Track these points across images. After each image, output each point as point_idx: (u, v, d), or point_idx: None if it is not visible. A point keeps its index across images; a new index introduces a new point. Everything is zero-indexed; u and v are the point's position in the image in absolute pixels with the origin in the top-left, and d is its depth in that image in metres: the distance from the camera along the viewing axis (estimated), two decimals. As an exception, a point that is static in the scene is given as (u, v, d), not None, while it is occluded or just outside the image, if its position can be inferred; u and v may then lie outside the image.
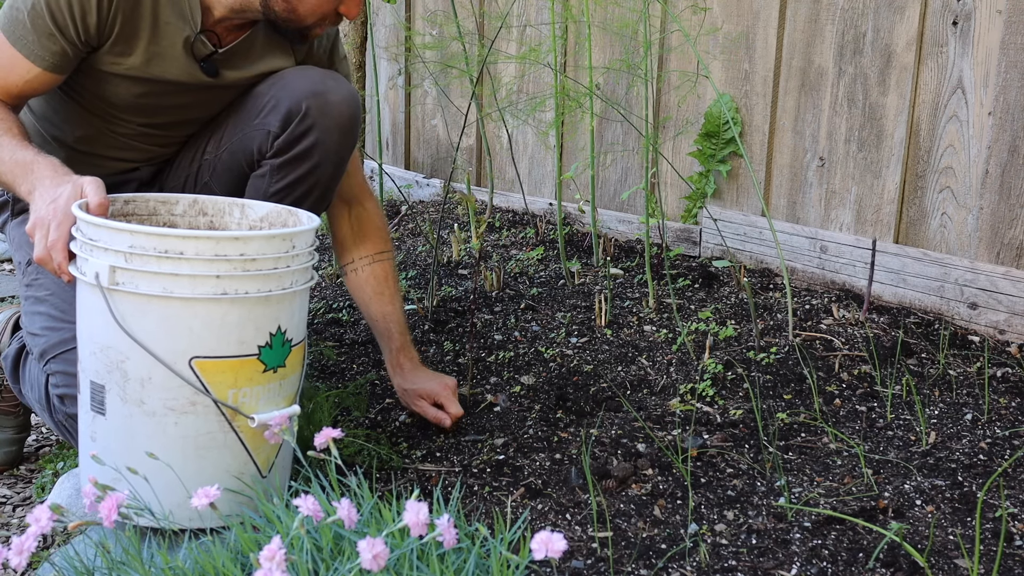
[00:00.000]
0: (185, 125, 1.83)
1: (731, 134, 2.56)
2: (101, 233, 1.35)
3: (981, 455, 1.69)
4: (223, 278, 1.35)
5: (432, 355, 2.20)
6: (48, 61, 1.60)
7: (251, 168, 1.79)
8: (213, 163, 1.83)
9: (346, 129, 1.74)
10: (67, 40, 1.59)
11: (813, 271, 2.46)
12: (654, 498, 1.57)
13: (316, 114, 1.70)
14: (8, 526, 1.80)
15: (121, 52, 1.65)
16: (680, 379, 2.00)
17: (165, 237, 1.33)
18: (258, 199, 1.73)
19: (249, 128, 1.77)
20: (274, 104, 1.73)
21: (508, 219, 3.09)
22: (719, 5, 2.58)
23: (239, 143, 1.78)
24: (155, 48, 1.67)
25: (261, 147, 1.76)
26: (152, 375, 1.36)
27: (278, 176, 1.75)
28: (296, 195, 1.76)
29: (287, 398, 1.47)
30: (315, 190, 1.77)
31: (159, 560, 1.19)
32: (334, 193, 1.84)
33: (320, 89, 1.72)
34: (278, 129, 1.72)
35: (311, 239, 1.47)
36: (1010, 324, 2.12)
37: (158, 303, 1.34)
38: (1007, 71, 2.11)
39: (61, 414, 1.61)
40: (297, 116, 1.70)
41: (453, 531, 1.10)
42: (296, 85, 1.73)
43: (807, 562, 1.38)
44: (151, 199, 1.62)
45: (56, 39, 1.59)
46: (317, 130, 1.71)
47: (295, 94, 1.71)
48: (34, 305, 1.68)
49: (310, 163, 1.74)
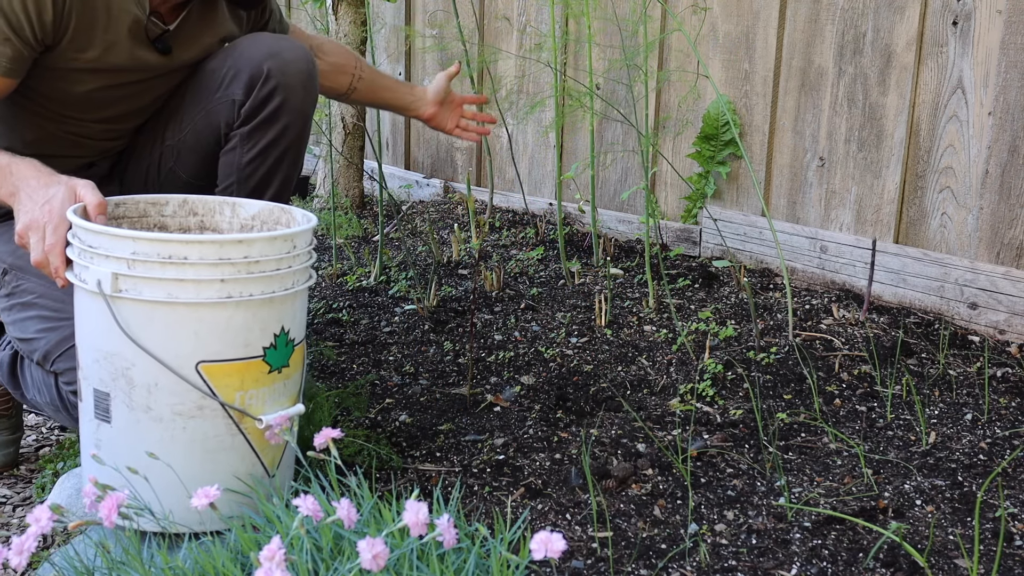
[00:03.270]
0: (136, 114, 1.81)
1: (730, 135, 2.56)
2: (102, 240, 1.34)
3: (981, 455, 1.69)
4: (227, 281, 1.35)
5: (432, 355, 2.21)
6: (4, 67, 1.56)
7: (219, 145, 1.79)
8: (176, 147, 1.82)
9: (308, 85, 1.76)
10: (23, 42, 1.56)
11: (813, 271, 2.46)
12: (654, 498, 1.57)
13: (278, 74, 1.71)
14: (8, 526, 1.80)
15: (79, 47, 1.62)
16: (680, 379, 2.00)
17: (168, 242, 1.33)
18: (232, 175, 1.73)
19: (211, 103, 1.76)
20: (234, 73, 1.73)
21: (508, 219, 3.09)
22: (719, 5, 2.58)
23: (203, 120, 1.78)
24: (110, 36, 1.65)
25: (228, 119, 1.75)
26: (159, 381, 1.36)
27: (249, 144, 1.75)
28: (270, 160, 1.76)
29: (291, 398, 1.47)
30: (288, 152, 1.78)
31: (159, 560, 1.19)
32: (303, 156, 1.86)
33: (275, 50, 1.73)
34: (243, 96, 1.73)
35: (310, 238, 1.47)
36: (1010, 324, 2.12)
37: (163, 309, 1.34)
38: (1007, 71, 2.11)
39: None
40: (260, 79, 1.71)
41: (453, 531, 1.10)
42: (251, 51, 1.73)
43: (807, 562, 1.38)
44: (141, 201, 1.62)
45: (11, 43, 1.55)
46: (282, 90, 1.72)
47: (253, 59, 1.72)
48: (21, 312, 1.65)
49: (280, 125, 1.74)
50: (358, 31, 3.10)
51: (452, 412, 1.93)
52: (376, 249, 2.86)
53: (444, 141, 3.48)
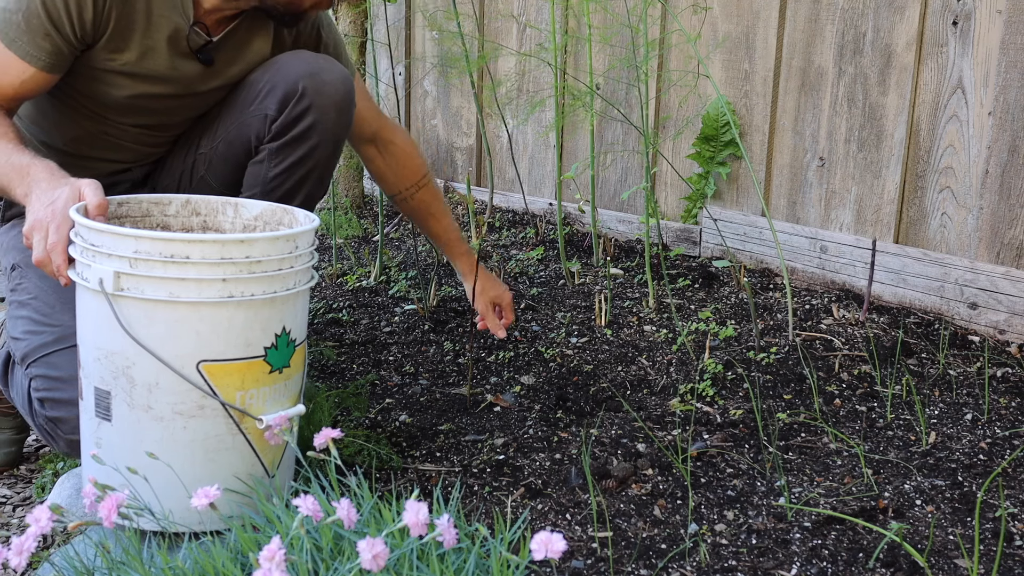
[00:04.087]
0: (177, 123, 1.82)
1: (730, 136, 2.56)
2: (104, 238, 1.34)
3: (981, 455, 1.69)
4: (229, 281, 1.35)
5: (432, 355, 2.21)
6: (43, 61, 1.60)
7: (249, 157, 1.79)
8: (209, 156, 1.82)
9: (342, 108, 1.75)
10: (62, 38, 1.59)
11: (813, 271, 2.46)
12: (654, 498, 1.57)
13: (312, 94, 1.71)
14: (8, 526, 1.80)
15: (116, 48, 1.65)
16: (680, 379, 2.00)
17: (171, 241, 1.33)
18: (257, 186, 1.73)
19: (245, 116, 1.77)
20: (270, 88, 1.73)
21: (508, 219, 3.09)
22: (719, 5, 2.58)
23: (236, 132, 1.78)
24: (148, 42, 1.66)
25: (259, 133, 1.76)
26: (160, 380, 1.36)
27: (277, 159, 1.75)
28: (295, 178, 1.76)
29: (291, 398, 1.47)
30: (314, 172, 1.78)
31: (159, 560, 1.19)
32: (331, 177, 1.85)
33: (314, 70, 1.72)
34: (275, 112, 1.73)
35: (312, 239, 1.47)
36: (1010, 324, 2.12)
37: (164, 308, 1.34)
38: (1007, 71, 2.11)
39: (42, 417, 1.61)
40: (294, 97, 1.71)
41: (453, 531, 1.10)
42: (290, 68, 1.73)
43: (807, 562, 1.38)
44: (144, 200, 1.62)
45: (51, 38, 1.58)
46: (314, 110, 1.72)
47: (290, 76, 1.72)
48: (17, 310, 1.68)
49: (309, 144, 1.74)
50: (358, 31, 3.10)
51: (452, 412, 1.93)
52: (376, 249, 2.86)
53: (444, 141, 3.48)
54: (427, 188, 2.05)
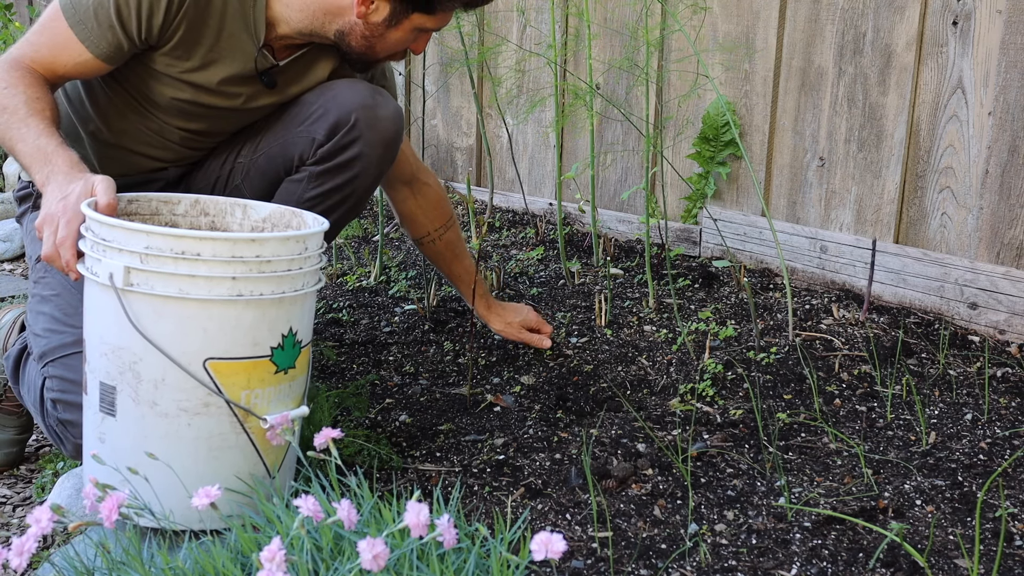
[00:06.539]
0: (223, 132, 1.83)
1: (729, 136, 2.56)
2: (116, 234, 1.34)
3: (981, 455, 1.69)
4: (239, 279, 1.35)
5: (432, 355, 2.21)
6: (103, 50, 1.60)
7: (287, 173, 1.80)
8: (247, 167, 1.83)
9: (390, 144, 1.77)
10: (126, 35, 1.60)
11: (813, 271, 2.46)
12: (654, 498, 1.57)
13: (363, 127, 1.72)
14: (8, 526, 1.80)
15: (179, 56, 1.66)
16: (680, 379, 2.00)
17: (182, 238, 1.33)
18: (289, 203, 1.74)
19: (291, 135, 1.78)
20: (322, 113, 1.74)
21: (508, 219, 3.09)
22: (719, 5, 2.58)
23: (279, 149, 1.79)
24: (213, 56, 1.67)
25: (303, 154, 1.77)
26: (166, 376, 1.36)
27: (316, 183, 1.76)
28: (330, 203, 1.77)
29: (295, 399, 1.47)
30: (349, 200, 1.79)
31: (159, 560, 1.19)
32: (365, 206, 1.87)
33: (370, 103, 1.73)
34: (323, 137, 1.74)
35: (321, 241, 1.47)
36: (1010, 324, 2.12)
37: (174, 304, 1.34)
38: (1007, 71, 2.11)
39: (53, 419, 1.61)
40: (345, 127, 1.72)
41: (453, 531, 1.10)
42: (346, 97, 1.74)
43: (807, 562, 1.39)
44: (153, 199, 1.62)
45: (116, 32, 1.59)
46: (362, 143, 1.73)
47: (344, 105, 1.73)
48: (39, 304, 1.68)
49: (350, 173, 1.75)
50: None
51: (452, 412, 1.93)
52: (376, 249, 2.86)
53: (444, 141, 3.48)
54: (453, 229, 2.09)
